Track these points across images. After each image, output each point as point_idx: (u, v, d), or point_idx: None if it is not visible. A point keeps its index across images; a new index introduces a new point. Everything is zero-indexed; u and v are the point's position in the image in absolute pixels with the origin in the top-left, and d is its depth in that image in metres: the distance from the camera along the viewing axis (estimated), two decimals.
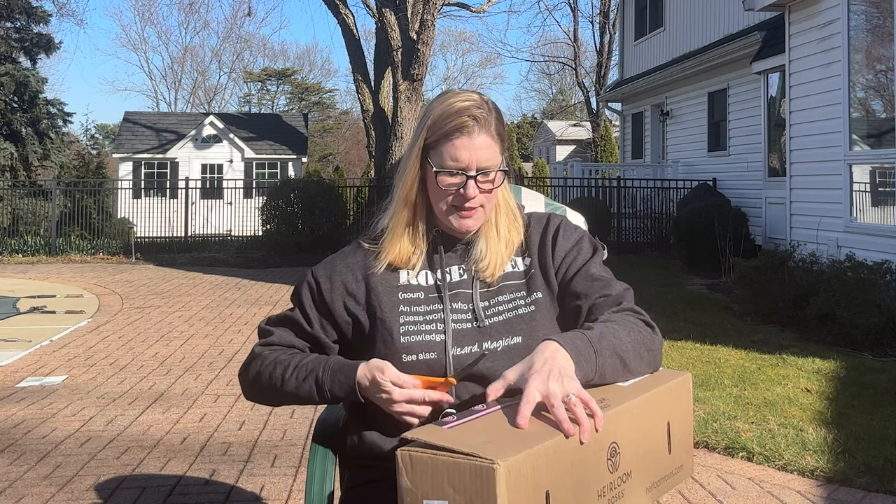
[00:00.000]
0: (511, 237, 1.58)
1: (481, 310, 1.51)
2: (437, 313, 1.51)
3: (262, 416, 4.38)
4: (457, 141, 1.47)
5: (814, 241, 7.76)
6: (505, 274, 1.55)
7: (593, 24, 30.05)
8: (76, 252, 14.56)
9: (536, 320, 1.51)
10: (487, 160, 1.49)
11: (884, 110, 7.51)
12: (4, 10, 19.20)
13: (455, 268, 1.56)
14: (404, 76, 14.58)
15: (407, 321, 1.50)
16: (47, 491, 3.28)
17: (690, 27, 14.63)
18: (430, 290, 1.54)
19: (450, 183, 1.49)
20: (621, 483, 1.22)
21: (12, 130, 18.85)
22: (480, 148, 1.48)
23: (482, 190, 1.50)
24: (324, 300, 1.57)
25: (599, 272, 1.57)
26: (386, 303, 1.52)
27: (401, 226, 1.55)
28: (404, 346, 1.47)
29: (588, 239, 1.62)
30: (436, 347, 1.47)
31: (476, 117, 1.48)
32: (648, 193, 14.24)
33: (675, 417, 1.35)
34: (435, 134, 1.49)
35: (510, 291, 1.54)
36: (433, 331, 1.49)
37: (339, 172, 23.43)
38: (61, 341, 6.56)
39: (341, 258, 1.61)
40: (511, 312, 1.52)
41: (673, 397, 1.37)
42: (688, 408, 1.41)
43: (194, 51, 56.65)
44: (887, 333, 5.71)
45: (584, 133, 33.21)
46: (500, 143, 1.51)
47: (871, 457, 3.50)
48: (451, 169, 1.48)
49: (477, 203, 1.50)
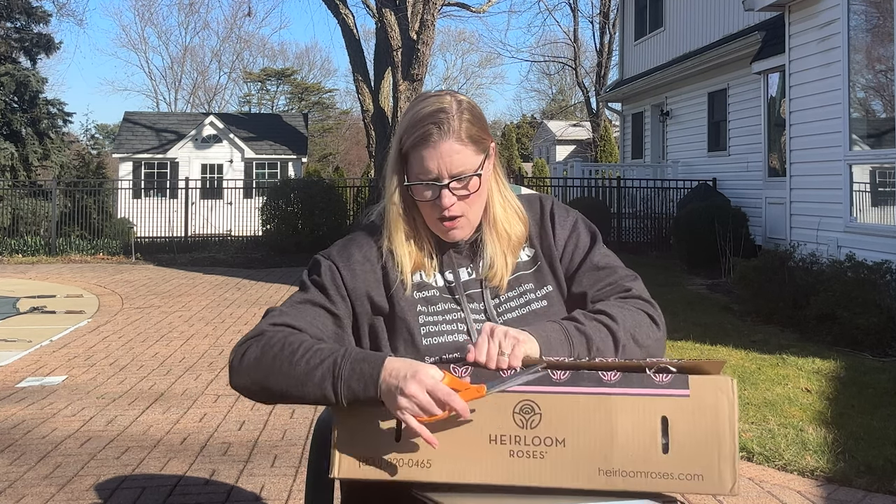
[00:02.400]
0: (515, 235, 1.54)
1: (493, 308, 1.51)
2: (455, 313, 1.49)
3: (262, 416, 4.38)
4: (423, 151, 1.43)
5: (814, 241, 7.76)
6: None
7: (593, 24, 30.10)
8: (76, 252, 14.56)
9: (551, 315, 1.50)
10: (459, 166, 1.44)
11: (884, 110, 7.51)
12: (4, 10, 19.21)
13: (463, 268, 1.54)
14: (404, 76, 14.58)
15: (427, 321, 1.47)
16: (47, 491, 3.28)
17: (690, 27, 14.63)
18: (444, 290, 1.52)
19: (424, 194, 1.46)
20: (541, 444, 1.29)
21: (12, 130, 18.85)
22: (447, 155, 1.43)
23: (459, 197, 1.45)
24: (344, 283, 1.48)
25: (604, 261, 1.56)
26: (404, 299, 1.48)
27: (400, 233, 1.51)
28: (427, 348, 1.45)
29: (582, 221, 1.61)
30: (460, 348, 1.45)
31: (439, 123, 1.43)
32: (648, 193, 14.24)
33: (680, 417, 1.30)
34: (405, 145, 1.46)
35: (519, 285, 1.53)
36: (454, 331, 1.47)
37: (339, 172, 23.46)
38: (61, 341, 6.56)
39: (357, 247, 1.53)
40: (524, 308, 1.51)
41: (681, 402, 1.31)
42: (715, 415, 1.29)
43: (194, 51, 56.71)
44: (887, 333, 5.71)
45: (584, 133, 33.21)
46: (473, 146, 1.45)
47: (871, 457, 3.49)
48: (422, 181, 1.45)
49: (457, 212, 1.46)
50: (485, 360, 1.31)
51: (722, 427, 1.29)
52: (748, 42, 11.62)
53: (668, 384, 1.31)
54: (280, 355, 1.35)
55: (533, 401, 1.31)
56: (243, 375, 1.38)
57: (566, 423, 1.30)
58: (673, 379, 1.31)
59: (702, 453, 1.29)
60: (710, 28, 13.81)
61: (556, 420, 1.30)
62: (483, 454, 1.30)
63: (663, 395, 1.30)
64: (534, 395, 1.31)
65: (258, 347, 1.38)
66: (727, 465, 1.28)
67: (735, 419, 1.29)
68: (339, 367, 1.31)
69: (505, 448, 1.30)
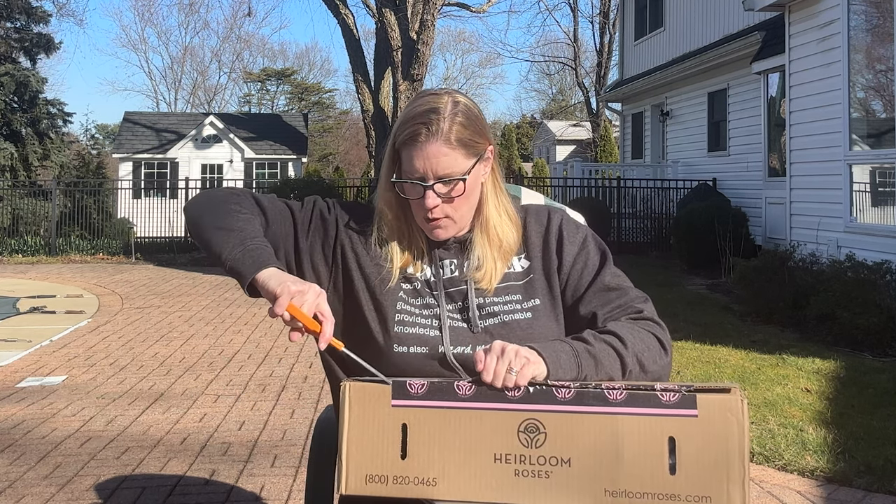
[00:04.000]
0: (507, 242, 1.52)
1: (475, 309, 1.48)
2: (432, 308, 1.48)
3: (262, 416, 4.39)
4: (412, 150, 1.44)
5: (814, 241, 7.76)
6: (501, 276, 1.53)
7: (593, 24, 30.08)
8: (76, 252, 14.56)
9: (534, 329, 1.47)
10: (445, 168, 1.43)
11: (884, 110, 7.51)
12: (4, 10, 19.21)
13: (448, 261, 1.53)
14: (404, 76, 14.58)
15: (403, 309, 1.47)
16: (47, 491, 3.28)
17: (690, 27, 14.63)
18: (427, 283, 1.51)
19: (410, 192, 1.47)
20: (546, 464, 1.28)
21: (12, 130, 18.85)
22: (433, 157, 1.43)
23: (444, 199, 1.45)
24: (328, 234, 1.54)
25: (614, 281, 1.52)
26: (387, 284, 1.50)
27: (391, 222, 1.53)
28: (397, 336, 1.45)
29: (592, 238, 1.57)
30: (429, 342, 1.45)
31: (428, 124, 1.42)
32: (648, 193, 14.24)
33: (687, 437, 1.28)
34: (398, 141, 1.47)
35: (506, 293, 1.50)
36: (428, 325, 1.47)
37: (339, 172, 23.47)
38: (61, 341, 6.56)
39: (359, 216, 1.57)
40: (507, 315, 1.48)
41: (689, 422, 1.29)
42: (724, 436, 1.27)
43: (194, 51, 56.68)
44: (887, 333, 5.71)
45: (584, 133, 33.20)
46: (462, 149, 1.44)
47: (871, 457, 3.50)
48: (409, 178, 1.46)
49: (441, 213, 1.46)
50: (491, 379, 1.30)
51: (731, 448, 1.27)
52: (748, 42, 11.62)
53: (676, 403, 1.29)
54: (230, 206, 1.48)
55: (538, 420, 1.30)
56: (201, 196, 1.55)
57: (572, 442, 1.29)
58: (681, 398, 1.29)
59: (710, 475, 1.27)
60: (710, 28, 13.81)
61: (561, 439, 1.29)
62: (488, 473, 1.30)
63: (670, 415, 1.28)
64: (539, 414, 1.30)
65: (228, 194, 1.53)
66: (736, 487, 1.26)
67: (746, 441, 1.27)
68: (251, 241, 1.42)
69: (510, 467, 1.29)
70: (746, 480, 1.27)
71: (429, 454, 1.31)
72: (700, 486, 1.27)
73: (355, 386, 1.34)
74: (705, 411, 1.28)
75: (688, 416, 1.28)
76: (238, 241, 1.42)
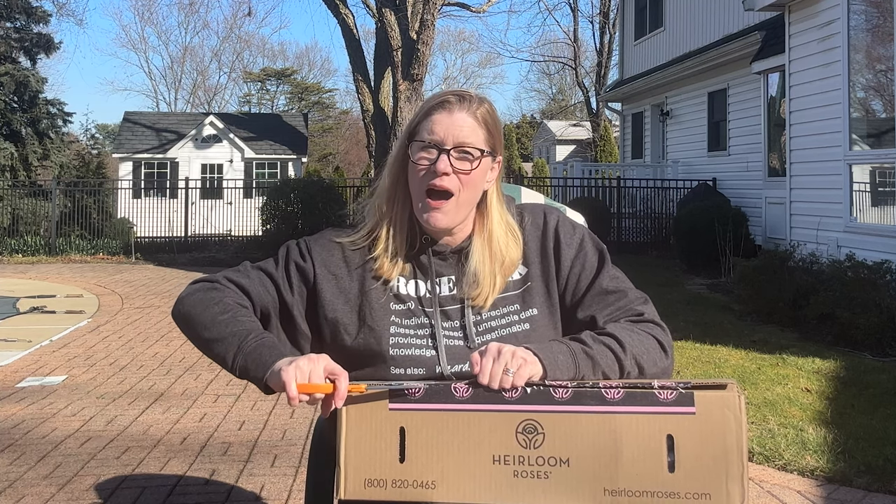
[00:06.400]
0: (510, 258, 1.50)
1: (472, 326, 1.47)
2: (427, 328, 1.46)
3: (262, 416, 4.39)
4: (435, 115, 1.45)
5: (814, 241, 7.76)
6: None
7: (593, 24, 30.08)
8: (76, 252, 14.56)
9: (531, 340, 1.44)
10: (468, 137, 1.44)
11: (884, 110, 7.51)
12: (4, 10, 19.20)
13: (445, 279, 1.50)
14: (404, 76, 14.57)
15: (398, 332, 1.46)
16: (47, 491, 3.28)
17: (690, 27, 14.63)
18: (421, 301, 1.49)
19: (422, 157, 1.45)
20: (545, 464, 1.29)
21: (12, 130, 18.83)
22: (458, 124, 1.44)
23: (456, 169, 1.43)
24: (310, 279, 1.51)
25: (613, 284, 1.50)
26: (378, 309, 1.47)
27: (385, 230, 1.51)
28: (393, 359, 1.44)
29: (589, 239, 1.55)
30: (426, 363, 1.43)
31: (460, 96, 1.46)
32: (648, 193, 14.24)
33: (686, 435, 1.28)
34: (418, 116, 1.48)
35: (503, 305, 1.49)
36: (424, 346, 1.45)
37: (339, 172, 23.47)
38: (61, 341, 6.56)
39: (337, 248, 1.54)
40: (504, 329, 1.47)
41: (687, 420, 1.30)
42: (722, 433, 1.28)
43: (194, 51, 56.73)
44: (887, 333, 5.71)
45: (583, 133, 33.20)
46: (485, 131, 1.46)
47: (871, 457, 3.50)
48: (426, 141, 1.44)
49: (448, 184, 1.43)
50: (487, 380, 1.30)
51: (730, 445, 1.27)
52: (748, 42, 11.62)
53: (674, 401, 1.29)
54: (212, 309, 1.45)
55: (536, 420, 1.30)
56: (182, 307, 1.49)
57: (570, 442, 1.29)
58: (678, 396, 1.29)
59: (709, 472, 1.27)
60: (710, 28, 13.81)
61: (559, 440, 1.29)
62: (487, 475, 1.30)
63: (668, 412, 1.29)
64: (537, 415, 1.30)
65: (204, 293, 1.49)
66: (735, 484, 1.26)
67: (743, 437, 1.27)
68: (246, 342, 1.39)
69: (509, 468, 1.30)
70: (745, 476, 1.27)
71: (427, 457, 1.31)
72: (699, 483, 1.27)
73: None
74: (703, 408, 1.28)
75: (685, 414, 1.29)
76: (235, 347, 1.40)
